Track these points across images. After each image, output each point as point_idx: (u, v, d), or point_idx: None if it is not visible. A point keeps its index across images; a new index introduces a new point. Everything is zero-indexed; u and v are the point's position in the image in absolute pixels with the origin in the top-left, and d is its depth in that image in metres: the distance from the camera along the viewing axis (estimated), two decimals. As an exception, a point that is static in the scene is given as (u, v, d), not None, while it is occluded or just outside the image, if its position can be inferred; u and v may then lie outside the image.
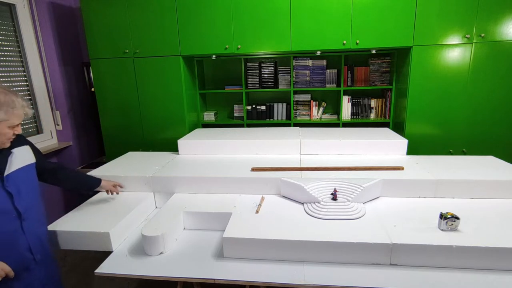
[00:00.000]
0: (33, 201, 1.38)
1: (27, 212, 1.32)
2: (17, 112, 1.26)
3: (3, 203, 1.24)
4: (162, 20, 2.83)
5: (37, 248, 1.36)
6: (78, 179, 1.71)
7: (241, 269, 1.37)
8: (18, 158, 1.34)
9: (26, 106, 1.30)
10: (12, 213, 1.27)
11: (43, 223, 1.45)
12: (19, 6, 2.84)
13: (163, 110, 3.03)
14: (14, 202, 1.27)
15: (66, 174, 1.66)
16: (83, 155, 3.45)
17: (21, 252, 1.29)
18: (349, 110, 3.21)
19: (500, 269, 1.32)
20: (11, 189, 1.27)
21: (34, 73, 2.99)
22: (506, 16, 2.47)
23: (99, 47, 2.97)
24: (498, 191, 1.78)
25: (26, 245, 1.32)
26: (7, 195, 1.26)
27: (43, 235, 1.44)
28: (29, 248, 1.33)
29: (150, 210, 1.96)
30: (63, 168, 1.66)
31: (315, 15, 2.68)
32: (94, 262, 1.49)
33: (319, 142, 2.31)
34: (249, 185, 1.90)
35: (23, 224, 1.30)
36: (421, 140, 2.79)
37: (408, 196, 1.82)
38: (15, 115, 1.25)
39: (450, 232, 1.42)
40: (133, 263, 1.43)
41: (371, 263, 1.37)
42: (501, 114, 2.65)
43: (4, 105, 1.21)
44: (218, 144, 2.38)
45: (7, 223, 1.25)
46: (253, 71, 3.25)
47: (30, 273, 1.34)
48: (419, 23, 2.58)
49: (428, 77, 2.67)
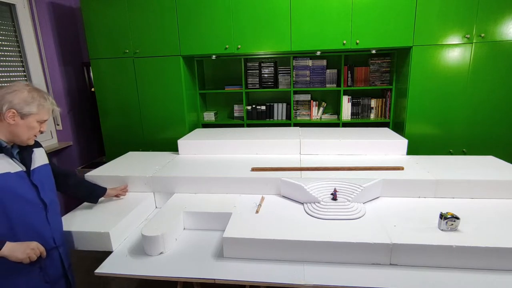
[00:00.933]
0: (54, 195, 1.46)
1: (51, 204, 1.40)
2: (47, 108, 1.35)
3: (31, 195, 1.32)
4: (162, 20, 2.83)
5: (58, 238, 1.44)
6: (87, 187, 1.80)
7: (241, 269, 1.37)
8: (38, 157, 1.43)
9: (54, 104, 1.39)
10: (39, 204, 1.35)
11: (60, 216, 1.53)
12: (19, 6, 2.84)
13: (163, 110, 3.03)
14: (40, 194, 1.35)
15: (77, 180, 1.75)
16: (83, 155, 3.45)
17: (47, 240, 1.37)
18: (349, 110, 3.21)
19: (500, 269, 1.32)
20: (37, 182, 1.35)
21: (34, 73, 2.99)
22: (506, 16, 2.47)
23: (99, 47, 2.97)
24: (498, 191, 1.78)
25: (51, 235, 1.39)
26: (34, 188, 1.33)
27: (61, 226, 1.52)
28: (53, 237, 1.41)
29: (150, 210, 1.96)
30: (74, 175, 1.74)
31: (315, 15, 2.68)
32: (94, 262, 1.49)
33: (319, 142, 2.31)
34: (249, 185, 1.90)
35: (48, 215, 1.38)
36: (421, 140, 2.79)
37: (408, 196, 1.82)
38: (46, 110, 1.34)
39: (450, 232, 1.42)
40: (133, 263, 1.43)
41: (371, 263, 1.37)
42: (501, 114, 2.65)
43: (37, 99, 1.30)
44: (218, 144, 2.38)
45: (36, 213, 1.34)
46: (253, 71, 3.25)
47: (54, 258, 1.42)
48: (419, 23, 2.58)
49: (428, 77, 2.67)
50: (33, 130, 1.32)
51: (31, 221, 1.32)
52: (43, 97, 1.33)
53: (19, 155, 1.35)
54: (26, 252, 1.25)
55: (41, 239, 1.34)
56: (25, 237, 1.29)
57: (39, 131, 1.36)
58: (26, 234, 1.30)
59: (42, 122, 1.36)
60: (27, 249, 1.25)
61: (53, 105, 1.38)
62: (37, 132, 1.36)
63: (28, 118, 1.29)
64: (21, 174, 1.30)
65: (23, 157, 1.35)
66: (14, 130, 1.28)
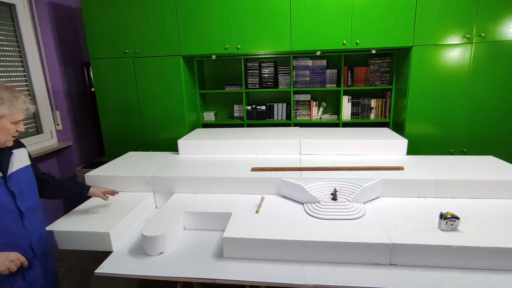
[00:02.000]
0: (33, 200, 1.41)
1: (28, 211, 1.36)
2: (20, 107, 1.29)
3: (6, 202, 1.28)
4: (162, 20, 2.83)
5: (38, 245, 1.40)
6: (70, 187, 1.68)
7: (241, 269, 1.37)
8: (18, 159, 1.37)
9: (28, 102, 1.33)
10: (15, 211, 1.30)
11: (42, 222, 1.48)
12: (19, 6, 2.84)
13: (163, 110, 3.03)
14: (16, 201, 1.31)
15: (59, 181, 1.64)
16: (83, 155, 3.45)
17: (24, 249, 1.33)
18: (349, 110, 3.21)
19: (500, 269, 1.32)
20: (13, 188, 1.30)
21: (34, 73, 2.99)
22: (506, 16, 2.47)
23: (99, 47, 2.97)
24: (498, 191, 1.78)
25: (28, 243, 1.35)
26: (9, 194, 1.29)
27: (43, 233, 1.47)
28: (31, 245, 1.37)
29: (150, 210, 1.96)
30: (54, 178, 1.64)
31: (315, 15, 2.68)
32: (94, 262, 1.49)
33: (319, 142, 2.31)
34: (249, 185, 1.90)
35: (24, 223, 1.34)
36: (421, 140, 2.79)
37: (408, 196, 1.82)
38: (18, 110, 1.28)
39: (450, 232, 1.42)
40: (133, 263, 1.43)
41: (371, 263, 1.37)
42: (501, 114, 2.65)
43: (6, 100, 1.24)
44: (218, 144, 2.38)
45: (11, 221, 1.29)
46: (253, 71, 3.25)
47: (32, 269, 1.38)
48: (419, 23, 2.58)
49: (428, 77, 2.67)
50: (8, 132, 1.27)
51: (8, 228, 1.28)
52: (13, 96, 1.26)
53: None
54: (5, 264, 1.22)
55: (18, 247, 1.31)
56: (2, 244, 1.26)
57: (16, 131, 1.31)
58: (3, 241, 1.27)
59: (17, 123, 1.30)
60: (6, 261, 1.23)
61: (26, 103, 1.31)
62: (14, 133, 1.30)
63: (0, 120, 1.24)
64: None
65: (1, 161, 1.29)
66: None
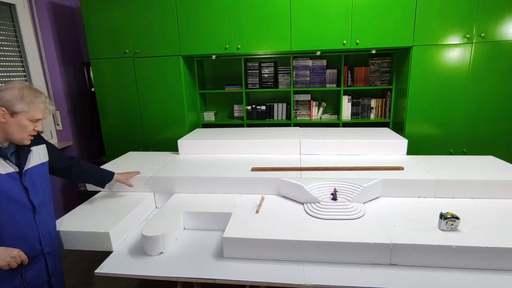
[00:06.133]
0: (45, 196, 1.44)
1: (40, 206, 1.39)
2: (38, 106, 1.31)
3: (20, 197, 1.32)
4: (162, 20, 2.83)
5: (46, 240, 1.42)
6: (91, 176, 1.78)
7: (241, 269, 1.37)
8: (35, 156, 1.41)
9: (48, 102, 1.36)
10: (28, 206, 1.34)
11: (52, 218, 1.52)
12: (19, 6, 2.84)
13: (163, 110, 3.03)
14: (29, 196, 1.34)
15: (80, 170, 1.70)
16: (83, 155, 3.45)
17: (32, 243, 1.36)
18: (349, 110, 3.21)
19: (500, 269, 1.32)
20: (27, 184, 1.34)
21: (34, 73, 2.99)
22: (506, 16, 2.47)
23: (99, 47, 2.97)
24: (498, 191, 1.78)
25: (37, 237, 1.38)
26: (23, 189, 1.33)
27: (52, 230, 1.50)
28: (39, 240, 1.39)
29: (150, 210, 1.96)
30: (78, 165, 1.70)
31: (315, 15, 2.68)
32: (94, 262, 1.49)
33: (319, 142, 2.31)
34: (249, 185, 1.90)
35: (36, 218, 1.37)
36: (421, 140, 2.79)
37: (408, 196, 1.82)
38: (36, 108, 1.30)
39: (450, 232, 1.42)
40: (133, 263, 1.43)
41: (371, 263, 1.37)
42: (501, 114, 2.65)
43: (26, 97, 1.27)
44: (218, 144, 2.38)
45: (23, 215, 1.33)
46: (253, 71, 3.25)
47: (38, 264, 1.40)
48: (419, 23, 2.58)
49: (428, 77, 2.67)
50: (25, 129, 1.29)
51: (17, 223, 1.31)
52: (34, 95, 1.30)
53: (16, 154, 1.34)
54: (6, 260, 1.24)
55: (26, 241, 1.33)
56: (10, 237, 1.29)
57: (34, 130, 1.33)
58: (11, 234, 1.29)
59: (35, 121, 1.32)
60: (8, 257, 1.25)
61: (45, 103, 1.33)
62: (32, 131, 1.32)
63: (18, 116, 1.26)
64: (13, 175, 1.30)
65: (19, 157, 1.34)
66: (5, 129, 1.27)
